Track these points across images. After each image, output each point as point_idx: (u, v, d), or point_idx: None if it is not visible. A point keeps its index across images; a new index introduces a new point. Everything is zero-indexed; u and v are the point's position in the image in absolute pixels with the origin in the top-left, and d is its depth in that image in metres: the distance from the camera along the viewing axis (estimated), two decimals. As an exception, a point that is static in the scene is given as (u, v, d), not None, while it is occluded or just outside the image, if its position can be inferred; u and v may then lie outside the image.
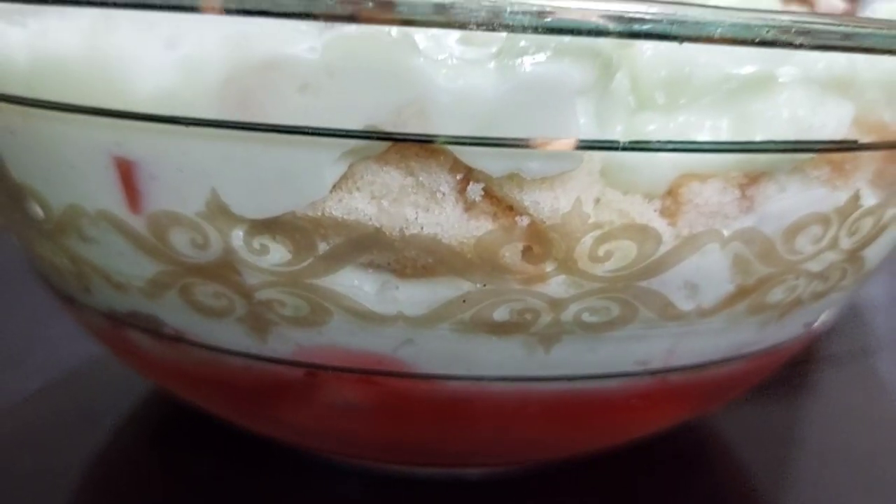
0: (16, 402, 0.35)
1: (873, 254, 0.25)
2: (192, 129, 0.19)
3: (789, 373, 0.38)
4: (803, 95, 0.20)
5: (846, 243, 0.23)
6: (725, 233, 0.21)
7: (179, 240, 0.21)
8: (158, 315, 0.24)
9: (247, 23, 0.17)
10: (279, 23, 0.17)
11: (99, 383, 0.37)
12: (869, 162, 0.22)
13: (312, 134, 0.18)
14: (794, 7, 0.26)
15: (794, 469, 0.34)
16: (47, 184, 0.22)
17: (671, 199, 0.20)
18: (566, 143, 0.18)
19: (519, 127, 0.18)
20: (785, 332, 0.26)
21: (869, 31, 0.18)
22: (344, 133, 0.18)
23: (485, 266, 0.20)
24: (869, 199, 0.23)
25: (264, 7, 0.16)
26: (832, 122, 0.21)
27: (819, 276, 0.24)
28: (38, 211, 0.23)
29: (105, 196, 0.21)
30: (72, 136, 0.21)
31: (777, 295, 0.23)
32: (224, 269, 0.21)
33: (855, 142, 0.21)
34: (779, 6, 0.25)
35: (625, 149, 0.18)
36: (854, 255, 0.24)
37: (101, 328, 0.27)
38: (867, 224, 0.23)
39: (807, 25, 0.18)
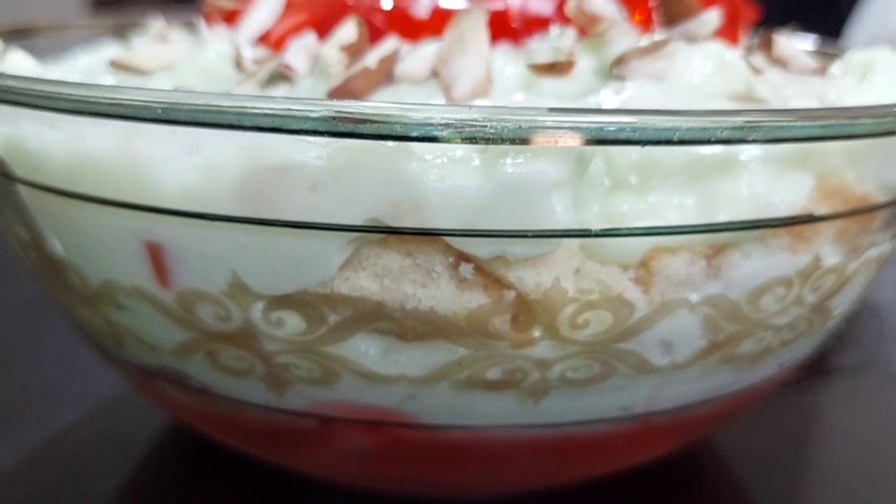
0: (54, 433, 0.38)
1: (839, 302, 0.27)
2: (213, 221, 0.21)
3: (792, 389, 0.40)
4: (763, 173, 0.22)
5: (810, 298, 0.25)
6: (694, 299, 0.23)
7: (205, 312, 0.23)
8: (186, 372, 0.26)
9: (261, 135, 0.19)
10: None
11: (130, 412, 0.40)
12: (829, 226, 0.24)
13: (321, 228, 0.21)
14: (767, 75, 0.28)
15: (794, 493, 0.36)
16: (85, 260, 0.25)
17: (644, 269, 0.23)
18: (544, 234, 0.20)
19: (502, 219, 0.20)
20: (759, 374, 0.28)
21: (815, 123, 0.20)
22: (348, 227, 0.21)
23: (477, 334, 0.22)
24: (831, 259, 0.25)
25: (277, 125, 0.19)
26: (790, 197, 0.23)
27: (786, 327, 0.26)
28: (77, 282, 0.26)
29: (137, 273, 0.24)
30: (106, 222, 0.23)
31: (747, 346, 0.25)
32: (245, 337, 0.24)
33: (811, 215, 0.23)
34: (750, 75, 0.27)
35: (596, 235, 0.21)
36: (820, 307, 0.26)
37: (132, 376, 0.29)
38: (829, 280, 0.25)
39: (758, 123, 0.20)
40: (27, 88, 0.21)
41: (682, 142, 0.19)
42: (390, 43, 0.27)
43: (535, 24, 0.29)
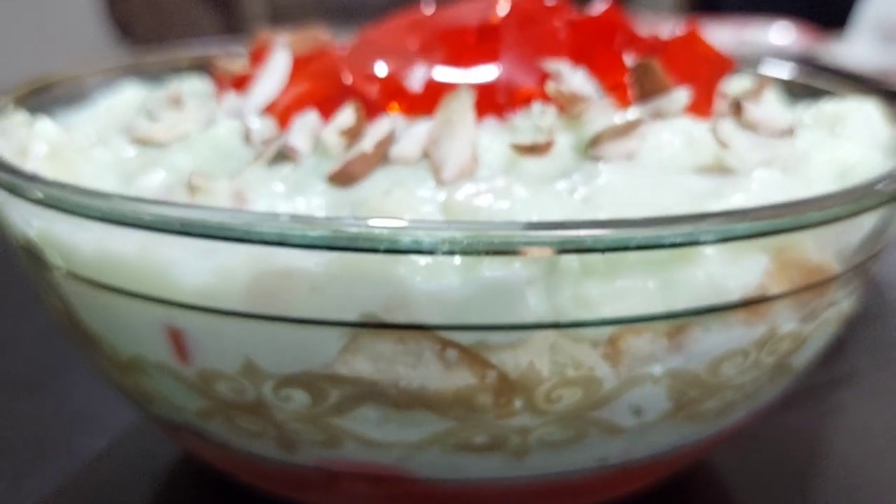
0: (86, 461, 0.41)
1: (800, 358, 0.30)
2: (226, 315, 0.24)
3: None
4: (719, 260, 0.25)
5: (769, 361, 0.28)
6: (658, 372, 0.26)
7: (222, 387, 0.26)
8: (207, 429, 0.29)
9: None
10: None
11: (157, 437, 0.43)
12: (784, 299, 0.27)
13: (321, 324, 0.23)
14: (734, 144, 0.30)
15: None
16: (115, 336, 0.28)
17: (612, 346, 0.25)
18: (519, 326, 0.23)
19: (482, 314, 0.23)
20: (730, 420, 0.30)
21: (760, 224, 0.23)
22: (344, 322, 0.23)
23: (463, 408, 0.25)
24: (787, 326, 0.27)
25: (280, 240, 0.21)
26: (746, 278, 0.25)
27: (748, 385, 0.28)
28: (108, 351, 0.29)
29: (161, 352, 0.26)
30: (131, 308, 0.26)
31: (711, 404, 0.28)
32: (258, 408, 0.26)
33: (764, 296, 0.25)
34: (717, 148, 0.29)
35: (566, 326, 0.23)
36: (779, 366, 0.29)
37: (159, 425, 0.32)
38: (786, 344, 0.28)
39: (707, 229, 0.22)
40: (59, 197, 0.24)
41: (638, 248, 0.22)
42: (385, 124, 0.30)
43: (519, 100, 0.31)
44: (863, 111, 0.36)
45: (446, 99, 0.30)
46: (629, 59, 0.33)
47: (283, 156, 0.30)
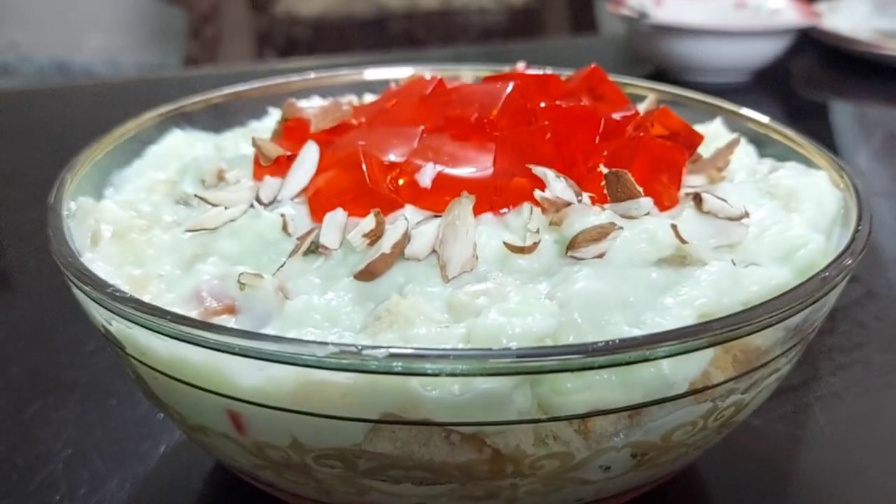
0: (151, 465, 0.49)
1: (744, 414, 0.36)
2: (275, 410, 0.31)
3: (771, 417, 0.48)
4: (670, 359, 0.31)
5: (715, 425, 0.34)
6: (621, 443, 0.32)
7: (272, 454, 0.33)
8: (258, 475, 0.36)
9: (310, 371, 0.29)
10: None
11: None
12: (727, 382, 0.33)
13: (350, 420, 0.30)
14: (692, 239, 0.36)
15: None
16: (182, 408, 0.34)
17: (583, 424, 0.32)
18: (507, 422, 0.30)
19: (477, 413, 0.30)
20: (686, 461, 0.37)
21: (694, 342, 0.29)
22: (369, 420, 0.30)
23: (465, 475, 0.32)
24: (729, 399, 0.34)
25: (318, 365, 0.28)
26: (692, 371, 0.31)
27: (699, 441, 0.35)
28: (176, 416, 0.35)
29: (222, 425, 0.33)
30: (198, 395, 0.32)
31: (668, 458, 0.34)
32: (302, 468, 0.33)
33: (708, 385, 0.32)
34: (677, 242, 0.35)
35: (545, 420, 0.30)
36: (725, 424, 0.35)
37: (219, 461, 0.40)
38: (730, 411, 0.34)
39: (653, 350, 0.28)
40: (139, 317, 0.31)
41: (600, 367, 0.28)
42: (400, 227, 0.35)
43: (512, 199, 0.37)
44: (814, 186, 0.41)
45: (451, 205, 0.36)
46: (604, 161, 0.38)
47: (316, 248, 0.36)
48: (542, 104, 0.42)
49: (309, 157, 0.40)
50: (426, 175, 0.38)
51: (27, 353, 0.59)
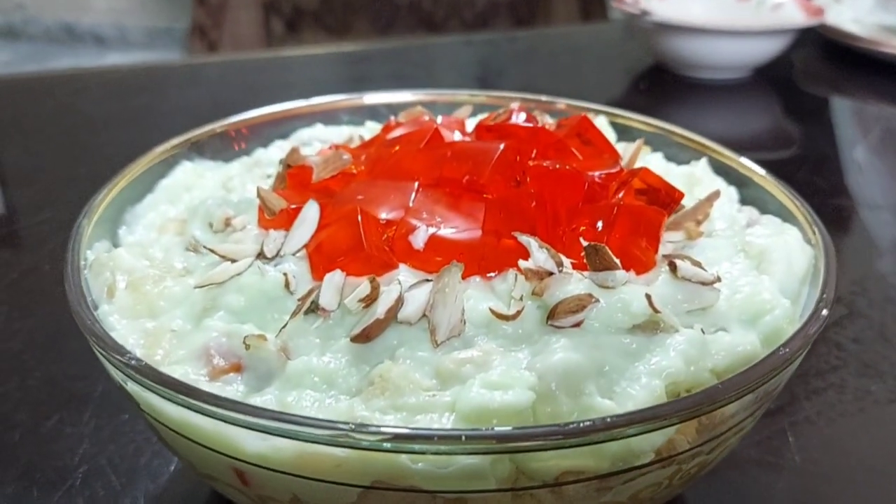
0: (164, 483, 0.52)
1: (709, 467, 0.39)
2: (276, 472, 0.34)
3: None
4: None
5: (681, 482, 0.37)
6: (593, 502, 0.35)
7: (274, 504, 0.36)
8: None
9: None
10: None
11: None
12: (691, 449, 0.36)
13: (344, 484, 0.33)
14: (665, 307, 0.38)
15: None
16: (192, 459, 0.38)
17: (557, 489, 0.35)
18: (486, 490, 0.33)
19: (461, 483, 0.33)
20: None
21: (672, 418, 0.32)
22: (360, 486, 0.33)
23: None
24: (694, 460, 0.37)
25: (316, 440, 0.31)
26: (657, 441, 0.34)
27: (665, 494, 0.38)
28: (187, 464, 0.39)
29: (228, 477, 0.36)
30: (206, 452, 0.36)
31: (638, 509, 0.38)
32: (300, 518, 0.37)
33: (672, 454, 0.35)
34: (650, 311, 0.38)
35: (522, 489, 0.33)
36: (692, 479, 0.38)
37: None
38: (695, 469, 0.37)
39: (633, 430, 0.31)
40: (151, 385, 0.34)
41: (572, 446, 0.31)
42: (393, 293, 0.38)
43: (498, 265, 0.40)
44: (785, 247, 0.43)
45: (441, 273, 0.38)
46: (587, 223, 0.41)
47: (316, 307, 0.39)
48: (531, 162, 0.44)
49: (310, 215, 0.42)
50: (419, 237, 0.41)
51: (43, 364, 0.62)
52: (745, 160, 0.54)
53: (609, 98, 1.20)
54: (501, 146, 0.44)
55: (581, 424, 0.32)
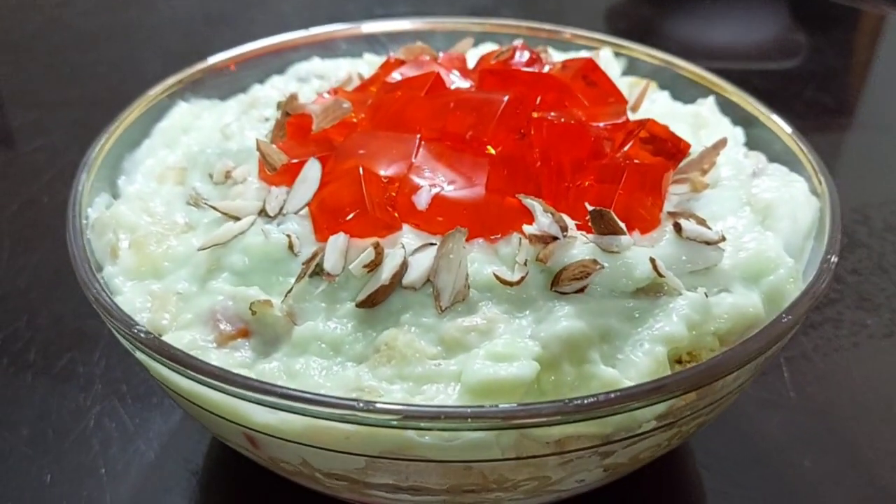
0: (176, 423, 0.53)
1: (706, 425, 0.40)
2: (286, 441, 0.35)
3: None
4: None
5: (678, 440, 0.38)
6: (593, 467, 0.36)
7: (285, 466, 0.37)
8: (272, 470, 0.41)
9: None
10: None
11: (194, 441, 0.53)
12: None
13: (352, 454, 0.34)
14: (669, 269, 0.39)
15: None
16: (205, 423, 0.38)
17: (561, 455, 0.36)
18: (491, 459, 0.34)
19: (468, 454, 0.34)
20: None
21: (672, 401, 0.33)
22: (369, 455, 0.34)
23: (455, 492, 0.36)
24: (693, 421, 0.38)
25: (325, 416, 0.32)
26: (659, 410, 0.35)
27: (665, 452, 0.39)
28: (205, 428, 0.39)
29: (239, 440, 0.37)
30: (218, 420, 0.36)
31: (636, 466, 0.39)
32: (312, 479, 0.38)
33: (673, 420, 0.35)
34: (653, 273, 0.38)
35: (527, 458, 0.34)
36: (690, 435, 0.39)
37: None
38: (692, 428, 0.38)
39: (638, 404, 0.32)
40: (163, 361, 0.34)
41: (576, 421, 0.32)
42: (398, 257, 0.38)
43: (503, 228, 0.39)
44: (791, 202, 0.43)
45: (445, 238, 0.38)
46: (592, 179, 0.40)
47: (320, 270, 0.39)
48: (536, 114, 0.44)
49: (311, 174, 0.42)
50: (423, 198, 0.40)
51: (50, 302, 0.63)
52: (751, 99, 0.53)
53: (614, 4, 1.17)
54: (505, 99, 0.43)
55: (584, 401, 0.32)
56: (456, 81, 0.49)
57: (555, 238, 0.38)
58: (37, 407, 0.54)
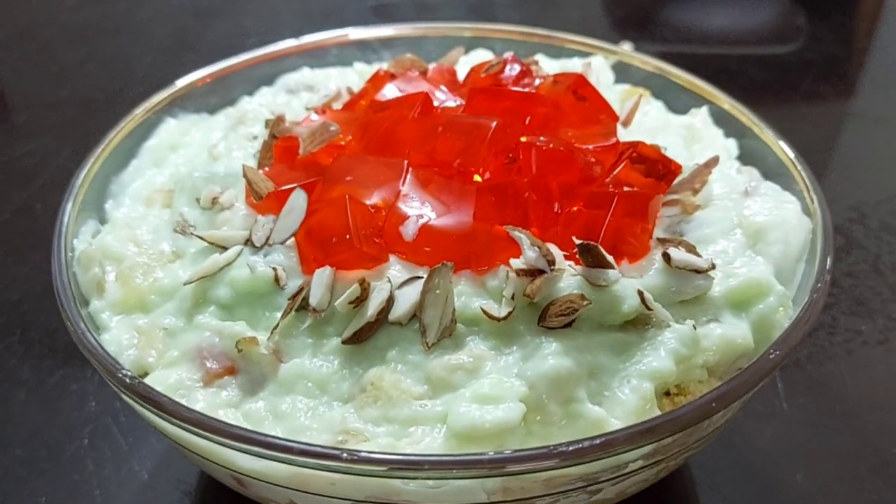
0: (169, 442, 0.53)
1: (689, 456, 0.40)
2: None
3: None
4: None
5: (665, 474, 0.38)
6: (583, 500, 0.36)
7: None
8: None
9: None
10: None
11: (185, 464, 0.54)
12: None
13: (340, 498, 0.34)
14: (656, 304, 0.38)
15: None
16: (194, 461, 0.39)
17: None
18: (477, 505, 0.34)
19: (451, 498, 0.34)
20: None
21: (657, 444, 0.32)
22: (354, 500, 0.34)
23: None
24: (681, 458, 0.37)
25: (310, 466, 0.32)
26: (646, 450, 0.35)
27: (652, 484, 0.39)
28: (189, 460, 0.40)
29: (227, 480, 0.37)
30: (208, 462, 0.36)
31: (623, 498, 0.39)
32: (299, 515, 0.38)
33: (658, 461, 0.35)
34: (640, 305, 0.38)
35: (513, 501, 0.34)
36: (678, 466, 0.39)
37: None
38: (678, 462, 0.38)
39: (623, 450, 0.32)
40: (150, 408, 0.34)
41: (562, 467, 0.32)
42: (383, 292, 0.38)
43: (489, 261, 0.39)
44: (783, 224, 0.43)
45: (432, 273, 0.38)
46: (581, 206, 0.40)
47: (306, 304, 0.39)
48: (524, 138, 0.43)
49: (298, 203, 0.41)
50: (410, 228, 0.40)
51: (43, 315, 0.62)
52: (745, 109, 0.52)
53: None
54: (493, 124, 0.42)
55: (570, 448, 0.32)
56: (445, 98, 0.48)
57: (542, 272, 0.38)
58: (30, 425, 0.54)
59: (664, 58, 0.58)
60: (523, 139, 0.43)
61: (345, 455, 0.32)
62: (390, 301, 0.38)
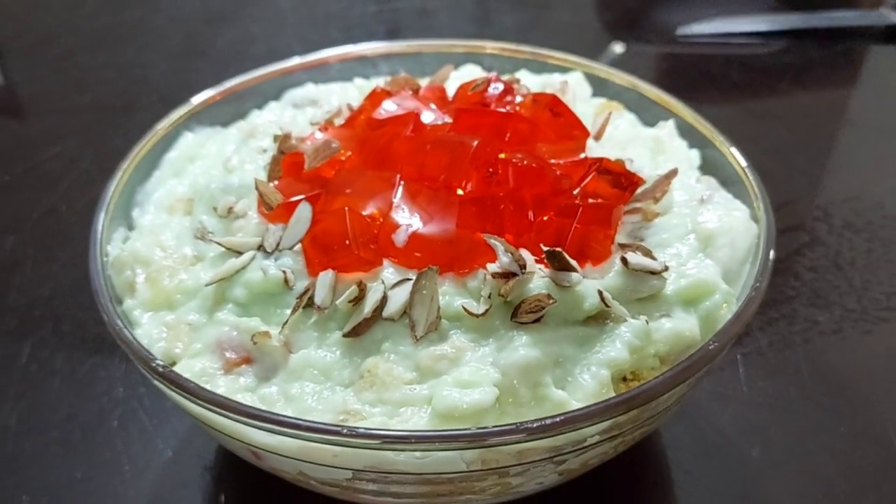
0: (192, 422, 0.60)
1: (652, 430, 0.46)
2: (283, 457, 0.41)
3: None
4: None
5: (623, 447, 0.44)
6: (548, 473, 0.42)
7: (284, 475, 0.44)
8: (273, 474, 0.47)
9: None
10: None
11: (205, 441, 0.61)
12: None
13: (340, 468, 0.40)
14: (614, 301, 0.44)
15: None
16: (214, 436, 0.45)
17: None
18: (459, 472, 0.40)
19: (436, 467, 0.40)
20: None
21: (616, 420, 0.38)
22: (354, 469, 0.40)
23: (430, 496, 0.42)
24: (636, 432, 0.43)
25: (320, 441, 0.38)
26: (604, 426, 0.41)
27: (613, 455, 0.45)
28: (210, 436, 0.46)
29: (244, 453, 0.44)
30: (225, 437, 0.42)
31: (588, 468, 0.45)
32: (308, 484, 0.44)
33: (615, 435, 0.41)
34: (601, 304, 0.44)
35: (490, 470, 0.40)
36: (638, 440, 0.45)
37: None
38: (637, 435, 0.44)
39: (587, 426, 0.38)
40: (177, 390, 0.40)
41: (531, 440, 0.38)
42: (378, 292, 0.44)
43: (470, 265, 0.45)
44: (730, 231, 0.48)
45: (420, 276, 0.44)
46: (552, 215, 0.46)
47: (311, 302, 0.45)
48: (503, 155, 0.49)
49: (303, 215, 0.47)
50: (401, 236, 0.46)
51: (73, 310, 0.69)
52: (707, 124, 0.58)
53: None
54: (475, 143, 0.48)
55: (536, 424, 0.38)
56: (434, 117, 0.54)
57: (514, 275, 0.44)
58: (65, 410, 0.61)
59: (653, 59, 0.64)
60: (502, 156, 0.49)
61: (345, 431, 0.38)
62: (384, 300, 0.44)
